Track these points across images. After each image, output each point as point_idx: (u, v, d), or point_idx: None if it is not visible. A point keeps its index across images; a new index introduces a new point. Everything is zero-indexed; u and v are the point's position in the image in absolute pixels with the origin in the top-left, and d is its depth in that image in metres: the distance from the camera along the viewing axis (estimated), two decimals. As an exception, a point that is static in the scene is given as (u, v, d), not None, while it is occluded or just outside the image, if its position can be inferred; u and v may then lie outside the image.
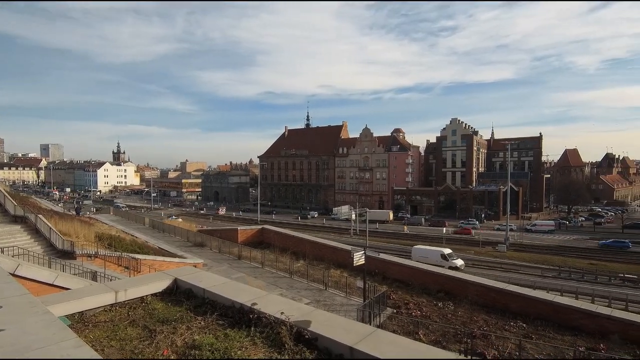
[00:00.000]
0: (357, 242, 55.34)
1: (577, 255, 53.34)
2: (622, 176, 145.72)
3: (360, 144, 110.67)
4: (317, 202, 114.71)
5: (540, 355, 11.56)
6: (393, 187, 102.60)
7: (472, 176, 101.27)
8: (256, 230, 31.20)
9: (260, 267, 22.68)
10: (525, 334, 13.60)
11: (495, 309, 16.20)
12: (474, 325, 14.52)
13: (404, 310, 16.33)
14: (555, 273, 39.86)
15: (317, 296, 17.27)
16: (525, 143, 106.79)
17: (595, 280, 36.68)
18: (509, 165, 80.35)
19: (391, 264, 20.83)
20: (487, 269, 41.56)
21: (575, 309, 14.54)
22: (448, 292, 18.00)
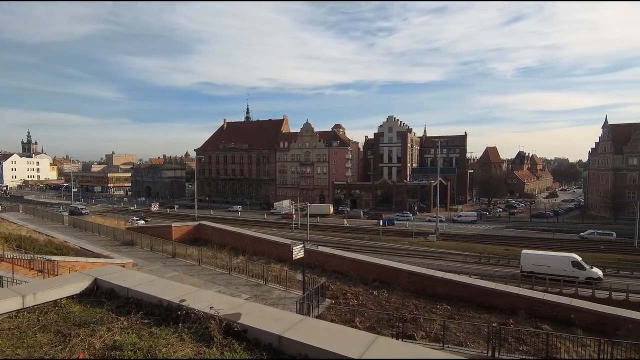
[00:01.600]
0: (298, 236, 55.72)
1: (494, 242, 59.45)
2: (531, 172, 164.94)
3: (301, 139, 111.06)
4: (258, 197, 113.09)
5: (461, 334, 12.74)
6: (333, 181, 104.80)
7: (406, 171, 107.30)
8: (192, 227, 29.88)
9: (197, 265, 21.82)
10: (450, 315, 14.85)
11: (425, 294, 17.44)
12: (405, 310, 15.50)
13: (342, 300, 16.87)
14: (477, 259, 43.95)
15: (256, 291, 17.12)
16: (453, 141, 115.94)
17: (508, 263, 41.18)
18: (439, 162, 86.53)
19: (330, 256, 21.36)
20: (419, 258, 44.43)
21: (491, 290, 16.24)
22: (383, 281, 18.96)
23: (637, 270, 37.51)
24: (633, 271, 37.37)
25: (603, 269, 37.50)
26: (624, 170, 79.51)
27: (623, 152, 79.71)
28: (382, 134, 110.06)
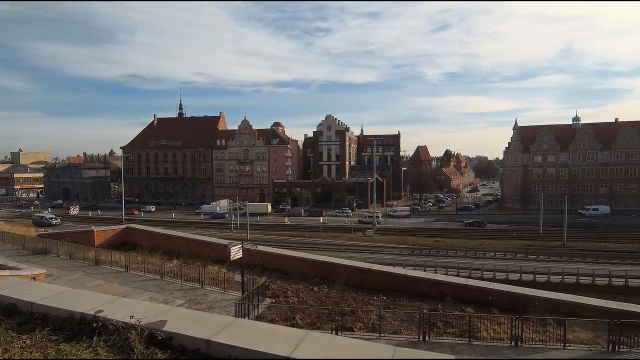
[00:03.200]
0: (238, 236, 54.28)
1: (425, 234, 63.73)
2: (456, 169, 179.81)
3: (239, 137, 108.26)
4: (194, 197, 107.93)
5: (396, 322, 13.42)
6: (273, 179, 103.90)
7: (345, 169, 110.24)
8: (119, 231, 27.49)
9: (125, 272, 20.13)
10: (386, 305, 15.54)
11: (363, 287, 18.04)
12: (344, 304, 15.89)
13: (282, 298, 16.78)
14: (410, 251, 46.75)
15: (191, 295, 16.29)
16: (388, 140, 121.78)
17: (438, 254, 44.45)
18: (375, 159, 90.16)
19: (270, 255, 21.13)
20: (358, 252, 45.96)
21: (423, 279, 17.35)
22: (323, 277, 19.23)
23: (542, 254, 42.85)
24: (539, 255, 42.62)
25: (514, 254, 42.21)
26: (530, 166, 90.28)
27: (530, 150, 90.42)
28: (321, 133, 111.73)
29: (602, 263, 36.87)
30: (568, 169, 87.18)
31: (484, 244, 51.57)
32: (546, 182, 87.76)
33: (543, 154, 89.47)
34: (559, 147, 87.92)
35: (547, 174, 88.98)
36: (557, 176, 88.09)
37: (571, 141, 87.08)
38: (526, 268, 33.06)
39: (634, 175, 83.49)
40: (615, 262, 37.06)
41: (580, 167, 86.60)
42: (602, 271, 31.73)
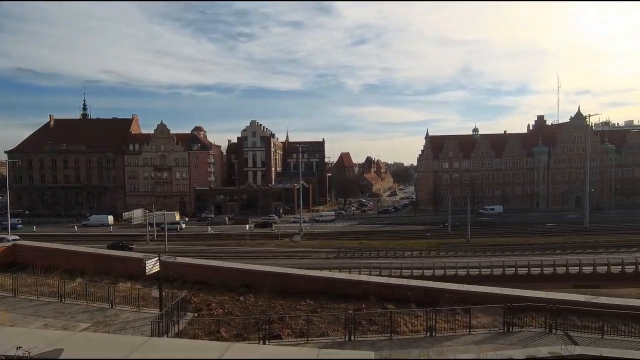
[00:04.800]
0: (155, 248, 50.18)
1: (350, 237, 66.23)
2: (377, 174, 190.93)
3: (155, 141, 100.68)
4: (102, 208, 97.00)
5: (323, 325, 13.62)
6: (195, 187, 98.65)
7: (271, 175, 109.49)
8: (3, 249, 23.38)
9: (12, 296, 17.13)
10: (313, 309, 15.69)
11: (291, 293, 17.96)
12: (272, 312, 15.64)
13: (206, 311, 15.89)
14: (336, 254, 48.10)
15: (99, 317, 14.51)
16: (313, 146, 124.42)
17: (362, 256, 46.48)
18: (301, 166, 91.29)
19: (191, 266, 19.91)
20: (285, 258, 45.83)
21: (347, 281, 17.94)
22: (249, 286, 18.70)
23: (451, 251, 47.54)
24: (448, 251, 47.19)
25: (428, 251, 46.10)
26: (440, 172, 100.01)
27: (439, 158, 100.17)
28: (246, 138, 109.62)
29: (499, 255, 42.21)
30: (470, 174, 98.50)
31: (402, 244, 55.40)
32: (453, 186, 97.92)
33: (449, 161, 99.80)
34: (462, 154, 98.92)
35: (453, 178, 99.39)
36: (461, 180, 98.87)
37: (472, 149, 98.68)
38: (438, 264, 36.32)
39: (519, 179, 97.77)
40: (508, 254, 42.74)
41: (479, 172, 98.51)
42: (498, 262, 36.35)
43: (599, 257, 36.70)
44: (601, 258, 35.98)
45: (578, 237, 57.29)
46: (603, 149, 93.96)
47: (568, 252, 42.30)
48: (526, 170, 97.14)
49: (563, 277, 33.41)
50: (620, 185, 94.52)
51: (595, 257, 36.69)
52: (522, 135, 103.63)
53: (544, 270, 33.60)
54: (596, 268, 33.60)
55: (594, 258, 36.15)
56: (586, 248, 44.29)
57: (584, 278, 33.46)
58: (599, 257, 36.68)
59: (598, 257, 36.69)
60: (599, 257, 36.70)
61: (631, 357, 10.58)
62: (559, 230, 65.28)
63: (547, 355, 10.73)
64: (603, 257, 36.43)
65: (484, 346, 11.75)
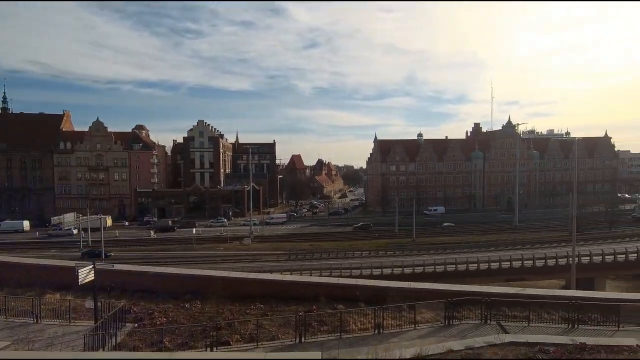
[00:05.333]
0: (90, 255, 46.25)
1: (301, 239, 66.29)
2: (328, 177, 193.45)
3: (91, 139, 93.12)
4: (26, 212, 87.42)
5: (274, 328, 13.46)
6: (136, 189, 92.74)
7: (220, 177, 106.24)
8: None
9: None
10: (263, 313, 15.45)
11: (240, 297, 17.52)
12: (220, 318, 15.14)
13: (147, 321, 14.95)
14: (287, 256, 47.84)
15: (21, 334, 13.01)
16: (264, 148, 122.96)
17: (313, 257, 46.71)
18: (252, 167, 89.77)
19: (131, 274, 18.65)
20: (235, 262, 44.66)
21: (298, 283, 17.94)
22: (196, 292, 17.95)
23: (398, 250, 49.50)
24: (395, 251, 49.09)
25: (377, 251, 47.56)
26: (388, 174, 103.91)
27: (387, 161, 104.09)
28: (193, 139, 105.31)
29: (441, 253, 44.73)
30: (415, 177, 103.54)
31: (352, 245, 56.64)
32: (400, 188, 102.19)
33: (396, 164, 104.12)
34: (408, 158, 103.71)
35: (400, 181, 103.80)
36: (407, 183, 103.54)
37: (417, 153, 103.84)
38: (386, 263, 37.61)
39: (459, 181, 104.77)
40: (449, 252, 45.48)
41: (424, 175, 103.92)
42: (441, 260, 38.52)
43: (526, 253, 40.39)
44: (528, 253, 39.63)
45: (509, 234, 62.71)
46: (529, 155, 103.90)
47: (501, 249, 46.05)
48: (465, 173, 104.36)
49: (496, 271, 36.28)
50: (543, 188, 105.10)
51: (523, 253, 40.34)
52: (462, 141, 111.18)
53: (480, 266, 36.24)
54: (524, 262, 36.97)
55: (522, 254, 39.72)
56: (516, 245, 48.55)
57: (514, 272, 36.63)
58: (526, 253, 40.38)
59: (525, 253, 40.38)
60: (526, 253, 40.39)
61: (551, 341, 11.77)
62: (493, 228, 70.88)
63: (482, 344, 11.58)
64: (529, 253, 40.15)
65: (427, 340, 12.37)
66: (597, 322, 13.74)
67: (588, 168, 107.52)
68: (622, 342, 11.72)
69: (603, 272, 38.25)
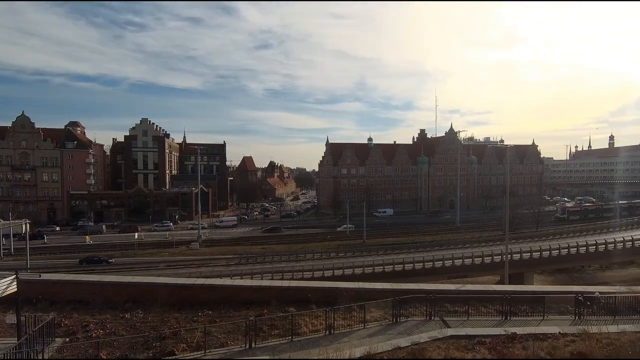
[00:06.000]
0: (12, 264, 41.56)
1: (252, 242, 65.05)
2: (280, 179, 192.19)
3: (14, 136, 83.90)
4: None
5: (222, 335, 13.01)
6: (69, 191, 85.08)
7: (165, 178, 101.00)
8: None
9: None
10: (212, 320, 14.87)
11: (187, 305, 16.70)
12: (164, 327, 14.33)
13: (81, 334, 13.70)
14: (237, 260, 46.64)
15: None
16: (213, 149, 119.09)
17: (264, 260, 46.00)
18: (200, 169, 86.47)
19: (61, 283, 17.00)
20: (181, 268, 42.62)
21: (249, 287, 17.53)
22: (137, 301, 16.82)
23: (349, 251, 50.45)
24: (346, 252, 49.98)
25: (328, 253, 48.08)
26: (339, 177, 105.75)
27: (338, 164, 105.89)
28: (136, 138, 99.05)
29: (390, 254, 46.35)
30: (366, 180, 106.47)
31: (304, 247, 56.72)
32: (351, 191, 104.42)
33: (347, 167, 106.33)
34: (358, 161, 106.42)
35: (351, 184, 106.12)
36: (358, 185, 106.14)
37: (367, 157, 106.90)
38: (337, 264, 38.13)
39: (406, 184, 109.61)
40: (397, 252, 47.28)
41: (373, 178, 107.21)
42: (389, 260, 39.92)
43: (466, 252, 43.23)
44: (468, 252, 42.45)
45: (452, 234, 66.76)
46: (469, 160, 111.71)
47: (444, 248, 48.80)
48: (412, 177, 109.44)
49: (440, 270, 38.40)
50: (481, 191, 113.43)
51: (463, 252, 43.12)
52: (408, 146, 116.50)
53: (425, 265, 38.11)
54: (464, 261, 39.53)
55: (462, 252, 42.44)
56: (457, 244, 51.73)
57: (456, 270, 39.01)
58: (467, 252, 43.24)
59: (466, 252, 43.21)
60: (466, 252, 43.23)
61: (488, 333, 12.70)
62: (437, 229, 75.01)
63: (427, 339, 12.16)
64: (469, 252, 43.04)
65: (376, 338, 12.72)
66: (526, 313, 15.06)
67: (519, 173, 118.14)
68: (547, 331, 12.98)
69: (531, 267, 42.05)
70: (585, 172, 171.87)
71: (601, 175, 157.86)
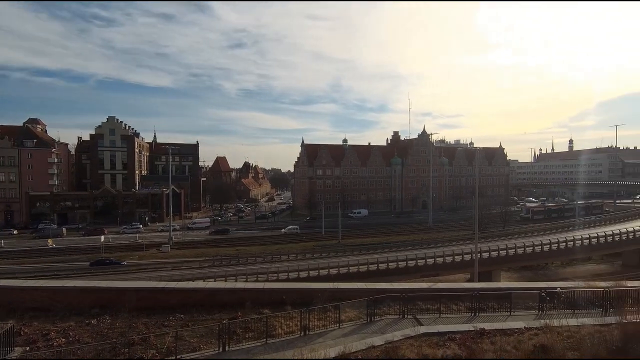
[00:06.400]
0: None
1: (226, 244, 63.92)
2: (255, 180, 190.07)
3: (-30, 133, 78.58)
4: None
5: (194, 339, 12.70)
6: (28, 191, 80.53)
7: (135, 179, 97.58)
8: None
9: None
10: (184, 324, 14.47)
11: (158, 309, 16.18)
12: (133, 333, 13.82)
13: (42, 343, 12.97)
14: (210, 262, 45.69)
15: None
16: (186, 149, 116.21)
17: (239, 262, 45.33)
18: (171, 169, 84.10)
19: (19, 290, 16.02)
20: (152, 271, 41.30)
21: (222, 289, 17.21)
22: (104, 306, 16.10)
23: (324, 252, 50.56)
24: (322, 253, 50.06)
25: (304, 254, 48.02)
26: (315, 178, 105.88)
27: (313, 165, 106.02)
28: (102, 136, 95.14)
29: (364, 254, 46.85)
30: (341, 181, 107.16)
31: (279, 248, 56.32)
32: (326, 191, 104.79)
33: (323, 168, 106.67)
34: (333, 162, 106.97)
35: (327, 184, 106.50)
36: (333, 186, 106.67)
37: (342, 158, 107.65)
38: (313, 265, 38.14)
39: (380, 185, 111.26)
40: (372, 252, 47.88)
41: (348, 179, 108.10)
42: (364, 260, 40.36)
43: (438, 250, 44.41)
44: (440, 251, 43.62)
45: (424, 234, 68.33)
46: (440, 162, 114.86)
47: (417, 248, 49.87)
48: (386, 178, 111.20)
49: (413, 269, 39.21)
50: (452, 191, 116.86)
51: (435, 251, 44.27)
52: (383, 148, 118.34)
53: (399, 264, 38.80)
54: (436, 260, 40.58)
55: (434, 251, 43.56)
56: (430, 243, 53.02)
57: (428, 268, 39.97)
58: (439, 250, 44.41)
59: (438, 250, 44.38)
60: (438, 250, 44.41)
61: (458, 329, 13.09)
62: (411, 229, 76.58)
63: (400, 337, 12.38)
64: (441, 251, 44.23)
65: (350, 337, 12.81)
66: (494, 309, 15.65)
67: (487, 174, 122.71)
68: (513, 326, 13.54)
69: (499, 265, 43.75)
70: (548, 174, 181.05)
71: (562, 177, 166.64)
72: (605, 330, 12.68)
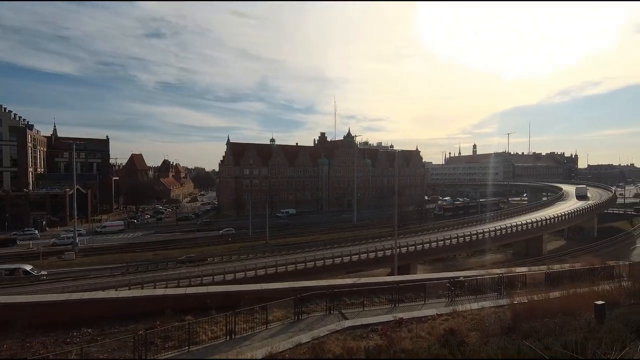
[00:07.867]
0: None
1: (143, 249, 58.97)
2: (176, 179, 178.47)
3: None
4: None
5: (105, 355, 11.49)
6: None
7: (28, 178, 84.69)
8: None
9: None
10: (92, 339, 13.02)
11: (59, 325, 14.28)
12: (27, 354, 12.02)
13: None
14: (124, 269, 41.68)
15: None
16: (94, 145, 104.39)
17: (157, 268, 42.09)
18: (76, 167, 75.00)
19: None
20: (50, 283, 36.18)
21: (138, 298, 15.84)
22: (-12, 326, 13.71)
23: (251, 253, 49.56)
24: (249, 254, 48.99)
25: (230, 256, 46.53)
26: (241, 178, 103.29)
27: (240, 164, 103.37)
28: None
29: (292, 253, 47.02)
30: (269, 181, 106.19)
31: (203, 251, 53.74)
32: (253, 191, 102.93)
33: (250, 168, 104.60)
34: (261, 162, 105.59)
35: (254, 184, 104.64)
36: (261, 186, 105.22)
37: (270, 158, 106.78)
38: (239, 267, 37.10)
39: (308, 185, 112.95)
40: (299, 252, 48.28)
41: (276, 179, 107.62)
42: (292, 259, 40.50)
43: (362, 247, 46.54)
44: (363, 248, 45.76)
45: (349, 232, 71.09)
46: (364, 163, 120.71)
47: (343, 245, 51.62)
48: (313, 178, 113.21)
49: (339, 266, 40.52)
50: (375, 191, 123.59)
51: (359, 248, 46.32)
52: (310, 148, 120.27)
53: (325, 262, 39.75)
54: (360, 256, 42.50)
55: (359, 248, 45.57)
56: (354, 241, 55.30)
57: (353, 265, 41.66)
58: (362, 247, 46.55)
59: (362, 247, 46.50)
60: (362, 247, 46.54)
61: (379, 320, 13.90)
62: (337, 227, 79.08)
63: (326, 333, 12.72)
64: (364, 247, 46.43)
65: (278, 337, 12.78)
66: (412, 299, 16.96)
67: (406, 175, 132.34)
68: (427, 313, 14.82)
69: (416, 259, 47.48)
70: (456, 175, 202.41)
71: (467, 178, 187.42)
72: (500, 311, 14.59)
